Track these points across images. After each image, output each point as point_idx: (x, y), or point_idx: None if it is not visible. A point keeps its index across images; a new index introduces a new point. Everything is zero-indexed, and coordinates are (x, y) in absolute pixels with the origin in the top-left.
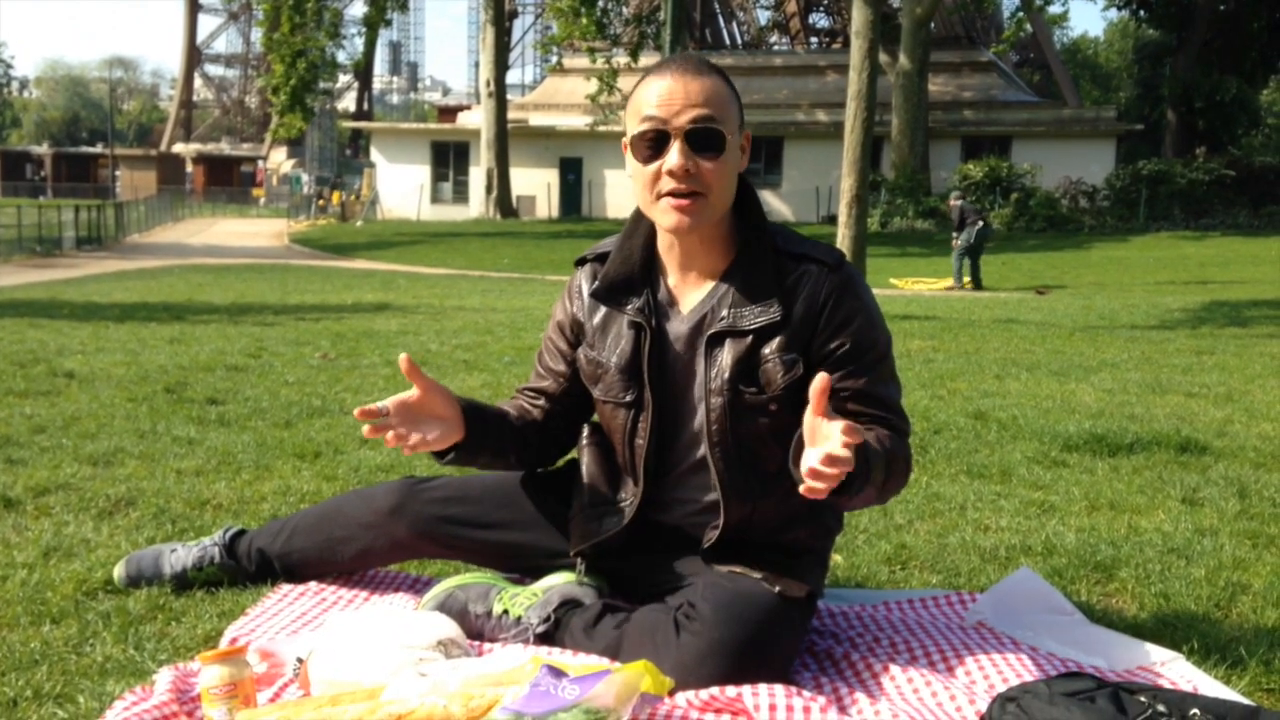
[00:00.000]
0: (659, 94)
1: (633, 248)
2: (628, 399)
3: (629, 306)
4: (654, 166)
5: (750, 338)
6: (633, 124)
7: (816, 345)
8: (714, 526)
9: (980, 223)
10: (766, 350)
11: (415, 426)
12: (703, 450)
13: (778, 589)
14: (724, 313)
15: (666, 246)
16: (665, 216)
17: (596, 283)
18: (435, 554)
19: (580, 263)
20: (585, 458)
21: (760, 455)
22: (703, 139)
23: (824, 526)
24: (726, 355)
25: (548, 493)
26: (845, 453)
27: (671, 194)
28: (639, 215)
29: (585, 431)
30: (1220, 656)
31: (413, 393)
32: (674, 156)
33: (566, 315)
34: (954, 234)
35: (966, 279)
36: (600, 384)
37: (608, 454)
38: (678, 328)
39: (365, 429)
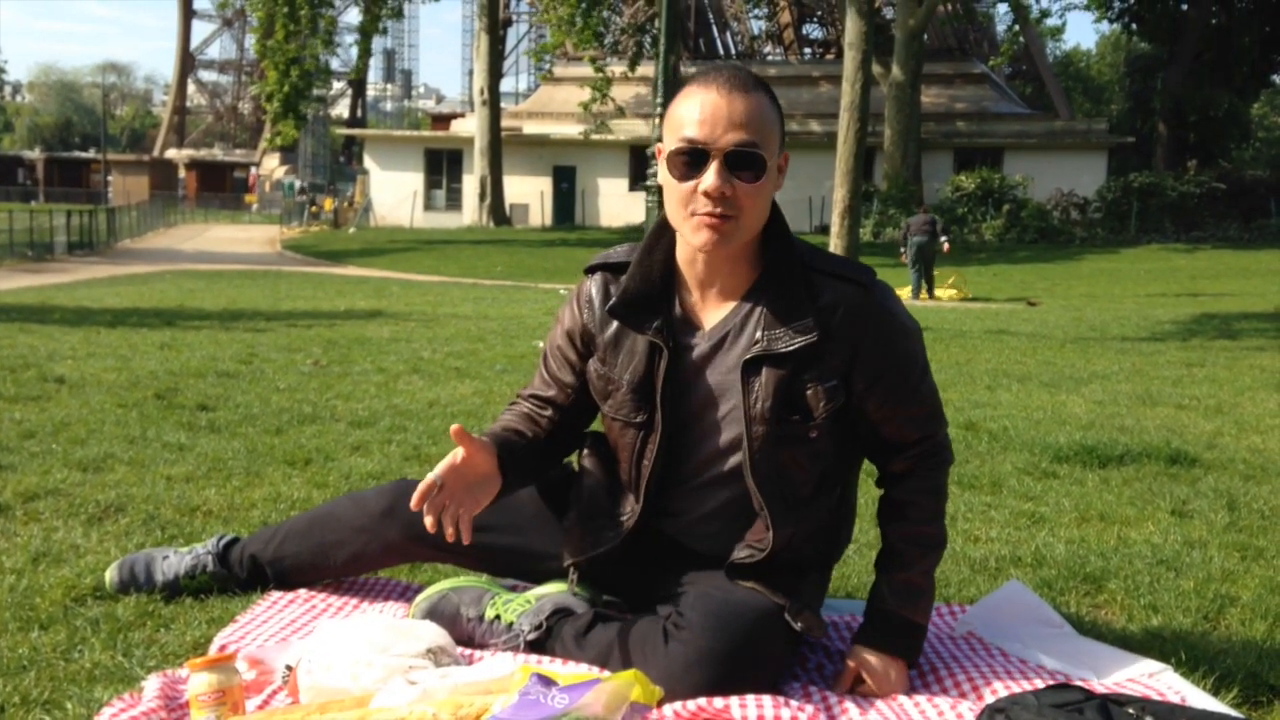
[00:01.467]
0: (701, 110)
1: (653, 264)
2: (638, 420)
3: (648, 326)
4: (689, 184)
5: (790, 364)
6: (671, 137)
7: (860, 374)
8: (749, 546)
9: (918, 236)
10: (807, 377)
11: (462, 493)
12: (724, 468)
13: (785, 610)
14: (757, 335)
15: (688, 260)
16: (696, 234)
17: (613, 299)
18: (428, 557)
19: (591, 271)
20: (586, 468)
21: (796, 480)
22: (742, 162)
23: (838, 542)
24: (767, 382)
25: (541, 495)
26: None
27: (706, 213)
28: (660, 230)
29: (587, 441)
30: (1209, 668)
31: (459, 453)
32: (710, 177)
33: (576, 324)
34: (900, 248)
35: (924, 292)
36: (610, 400)
37: (609, 467)
38: (697, 346)
39: (427, 520)
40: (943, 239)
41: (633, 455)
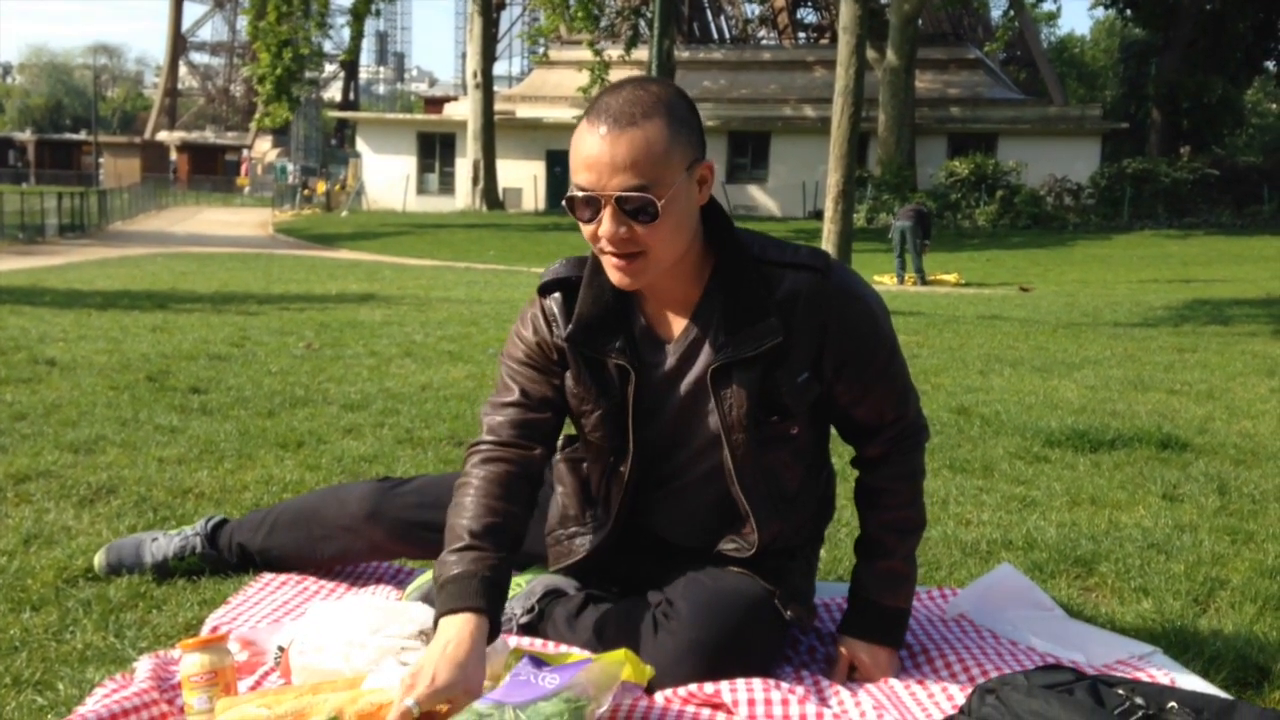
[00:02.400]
0: (587, 156)
1: (603, 284)
2: (611, 444)
3: (610, 348)
4: (590, 228)
5: (758, 366)
6: (572, 174)
7: (828, 360)
8: (734, 540)
9: (902, 221)
10: (780, 374)
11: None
12: (700, 474)
13: (775, 598)
14: (721, 339)
15: None
16: (610, 273)
17: (571, 325)
18: (415, 555)
19: (546, 290)
20: (559, 474)
21: (783, 479)
22: (632, 205)
23: (823, 520)
24: (739, 388)
25: None
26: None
27: (610, 253)
28: None
29: (561, 443)
30: (1198, 651)
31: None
32: (605, 224)
33: (547, 342)
34: (890, 236)
35: (909, 274)
36: (582, 420)
37: (582, 474)
38: (662, 360)
39: None
40: (924, 242)
41: (603, 475)
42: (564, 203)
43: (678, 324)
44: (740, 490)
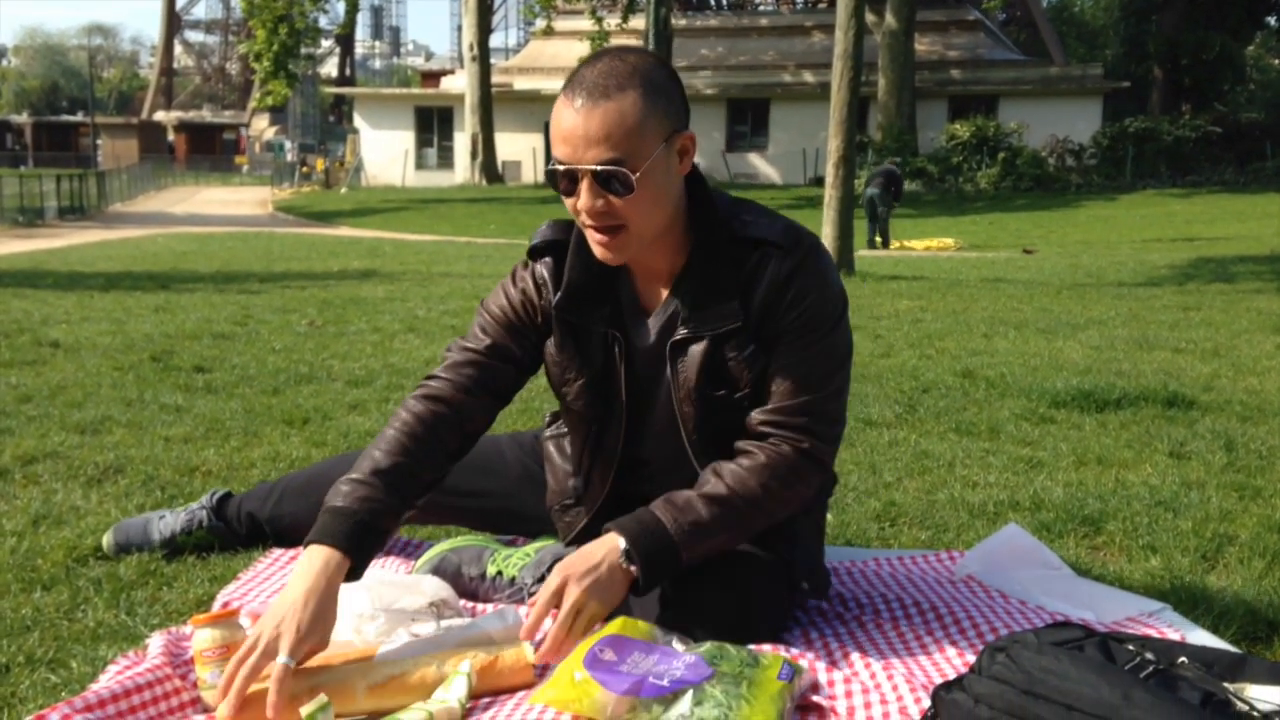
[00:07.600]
0: (563, 130)
1: (589, 252)
2: (593, 413)
3: (597, 316)
4: (570, 201)
5: (709, 341)
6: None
7: (769, 325)
8: None
9: (870, 189)
10: (728, 349)
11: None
12: (678, 448)
13: (790, 568)
14: (684, 315)
15: None
16: (594, 248)
17: (560, 294)
18: (424, 520)
19: (536, 254)
20: (545, 454)
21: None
22: (608, 179)
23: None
24: (691, 362)
25: (528, 456)
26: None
27: (591, 228)
28: None
29: (546, 419)
30: (1207, 607)
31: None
32: (583, 198)
33: (534, 305)
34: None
35: (877, 239)
36: (566, 389)
37: (566, 449)
38: (645, 333)
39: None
40: (891, 206)
41: (585, 445)
42: (545, 176)
43: (660, 296)
44: (699, 465)
